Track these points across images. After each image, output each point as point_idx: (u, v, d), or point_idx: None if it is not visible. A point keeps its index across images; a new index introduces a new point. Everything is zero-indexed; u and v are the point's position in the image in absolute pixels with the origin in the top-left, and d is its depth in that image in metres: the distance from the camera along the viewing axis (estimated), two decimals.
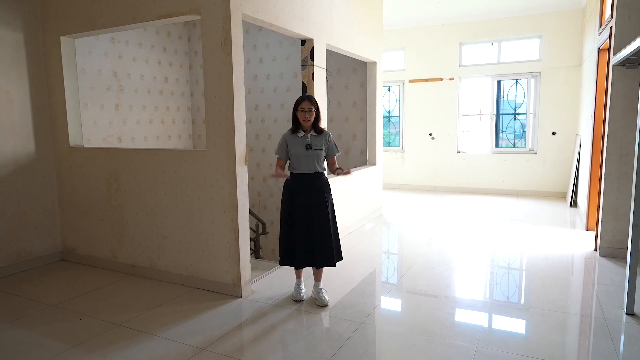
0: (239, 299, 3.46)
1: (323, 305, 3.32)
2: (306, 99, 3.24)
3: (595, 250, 4.58)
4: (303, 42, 4.49)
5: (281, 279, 3.88)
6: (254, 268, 4.15)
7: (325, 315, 3.18)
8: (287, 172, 3.35)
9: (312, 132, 3.30)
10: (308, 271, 3.68)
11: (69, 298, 3.55)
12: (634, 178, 2.99)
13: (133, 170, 3.97)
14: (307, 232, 3.29)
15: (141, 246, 4.01)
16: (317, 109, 3.28)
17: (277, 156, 3.35)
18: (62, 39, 4.19)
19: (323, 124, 4.52)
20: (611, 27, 4.29)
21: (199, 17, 3.44)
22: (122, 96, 5.40)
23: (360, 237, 5.28)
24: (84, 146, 4.47)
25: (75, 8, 4.03)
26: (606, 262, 4.25)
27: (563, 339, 2.83)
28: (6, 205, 4.09)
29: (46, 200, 4.42)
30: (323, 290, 3.41)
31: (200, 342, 2.78)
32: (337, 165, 3.41)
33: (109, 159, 4.12)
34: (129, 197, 4.02)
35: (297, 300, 3.43)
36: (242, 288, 3.50)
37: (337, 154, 3.41)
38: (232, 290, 3.53)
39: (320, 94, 4.60)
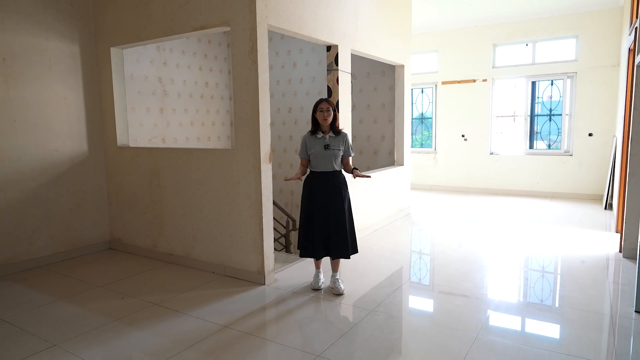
0: (263, 286, 3.77)
1: (338, 294, 3.57)
2: (324, 100, 3.49)
3: (620, 251, 4.55)
4: (328, 48, 4.75)
5: (303, 271, 4.16)
6: (283, 261, 4.46)
7: (339, 303, 3.43)
8: (302, 177, 3.59)
9: (331, 133, 3.53)
10: (327, 264, 3.93)
11: (114, 281, 3.99)
12: None
13: (171, 168, 4.38)
14: (324, 225, 3.52)
15: (178, 237, 4.41)
16: (335, 111, 3.50)
17: (301, 158, 3.62)
18: (112, 49, 4.68)
19: (345, 124, 4.78)
20: (636, 28, 4.27)
21: (229, 29, 3.78)
22: (166, 100, 5.87)
23: (384, 235, 5.48)
24: (130, 146, 4.94)
25: (123, 22, 4.50)
26: (628, 263, 4.24)
27: (569, 333, 2.93)
28: (64, 199, 4.61)
29: (96, 195, 4.93)
30: (339, 280, 3.65)
31: (225, 321, 3.11)
32: (352, 165, 3.64)
33: (150, 157, 4.56)
34: (167, 192, 4.44)
35: (315, 288, 3.69)
36: (265, 276, 3.81)
37: (351, 155, 3.62)
38: (256, 278, 3.85)
39: (344, 97, 4.85)
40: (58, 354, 2.69)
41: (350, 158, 3.66)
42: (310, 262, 4.29)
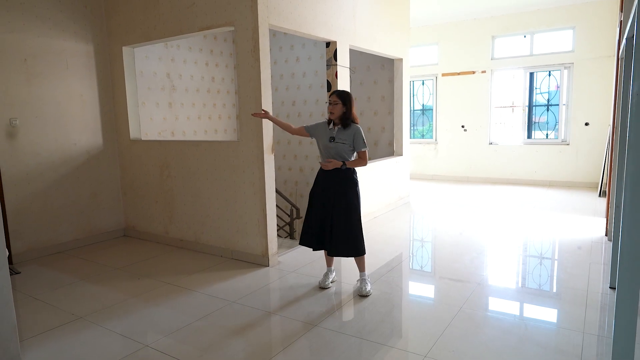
0: (267, 268, 4.08)
1: (362, 295, 3.39)
2: (335, 93, 3.37)
3: (606, 235, 4.79)
4: (328, 44, 5.01)
5: (305, 255, 4.45)
6: (287, 246, 4.77)
7: (339, 282, 3.72)
8: (269, 116, 3.54)
9: (340, 126, 3.38)
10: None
11: (130, 264, 4.32)
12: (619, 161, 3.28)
13: (181, 159, 4.68)
14: (320, 218, 3.43)
15: (188, 223, 4.73)
16: (346, 104, 3.33)
17: (304, 125, 3.55)
18: (124, 48, 4.97)
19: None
20: (620, 21, 4.48)
21: (233, 28, 4.06)
22: (174, 95, 6.17)
23: (383, 222, 5.76)
24: (142, 139, 5.25)
25: (134, 23, 4.79)
26: (611, 246, 4.48)
27: (545, 305, 3.21)
28: (81, 189, 4.95)
29: (112, 185, 5.26)
30: (365, 281, 3.47)
31: (231, 297, 3.42)
32: (365, 162, 3.43)
33: (161, 149, 4.87)
34: (178, 182, 4.75)
35: (322, 287, 3.55)
36: (269, 258, 4.12)
37: (363, 149, 3.38)
38: (261, 260, 4.16)
39: None
40: (84, 324, 3.03)
41: (366, 152, 3.41)
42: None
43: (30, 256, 4.49)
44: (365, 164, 3.45)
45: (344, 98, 3.34)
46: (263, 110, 3.60)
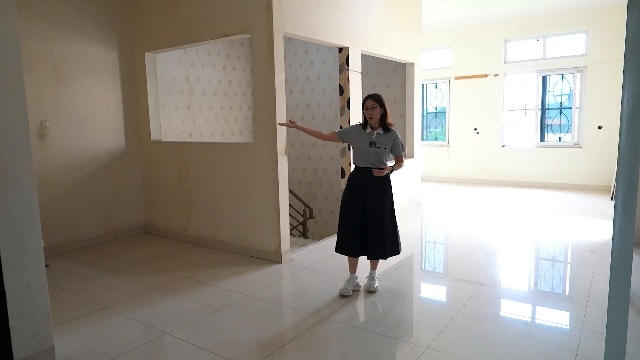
0: (280, 264, 4.27)
1: (370, 291, 3.51)
2: (370, 97, 3.32)
3: None
4: (340, 50, 5.18)
5: (316, 253, 4.63)
6: (300, 245, 4.95)
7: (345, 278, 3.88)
8: (298, 126, 3.50)
9: (380, 130, 3.35)
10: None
11: (150, 259, 4.55)
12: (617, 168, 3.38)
13: (198, 160, 4.90)
14: (362, 223, 3.38)
15: (205, 221, 4.95)
16: (384, 106, 3.32)
17: (335, 131, 3.54)
18: (147, 54, 5.23)
19: (357, 118, 5.19)
20: None
21: (249, 36, 4.26)
22: (192, 98, 6.41)
23: None
24: (162, 140, 5.50)
25: (156, 30, 5.04)
26: None
27: (546, 304, 3.33)
28: (105, 188, 5.21)
29: (133, 184, 5.51)
30: (375, 279, 3.58)
31: (245, 290, 3.61)
32: (403, 163, 3.47)
33: (180, 151, 5.10)
34: (195, 181, 4.97)
35: (342, 295, 3.43)
36: (282, 255, 4.30)
37: (402, 153, 3.43)
38: (274, 257, 4.34)
39: (355, 95, 5.27)
40: (109, 313, 3.25)
41: (403, 155, 3.47)
42: (325, 244, 4.76)
43: (57, 250, 4.76)
44: (403, 166, 3.50)
45: (381, 101, 3.32)
46: (290, 120, 3.57)
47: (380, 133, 3.34)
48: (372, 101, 3.30)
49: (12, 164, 2.35)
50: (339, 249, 3.48)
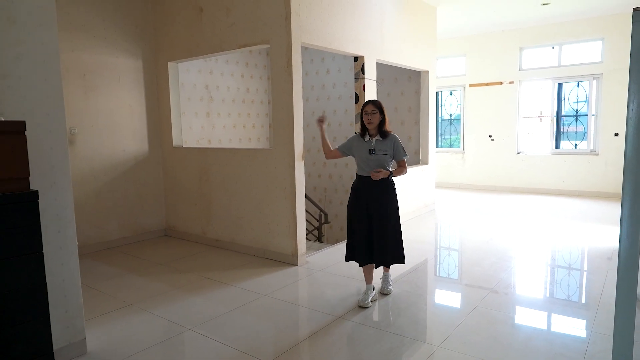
0: (296, 267, 4.40)
1: (383, 293, 3.61)
2: (371, 102, 3.35)
3: None
4: (356, 58, 5.32)
5: (331, 256, 4.75)
6: (315, 248, 5.08)
7: (360, 280, 4.00)
8: (323, 125, 3.59)
9: (378, 137, 3.36)
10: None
11: (171, 260, 4.73)
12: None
13: (218, 165, 5.08)
14: (367, 231, 3.40)
15: (224, 225, 5.11)
16: (383, 113, 3.33)
17: (337, 147, 3.58)
18: (169, 64, 5.45)
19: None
20: None
21: (268, 46, 4.43)
22: (211, 105, 6.62)
23: (406, 228, 5.99)
24: (183, 146, 5.70)
25: (179, 41, 5.26)
26: None
27: (554, 309, 3.39)
28: (129, 191, 5.42)
29: (155, 188, 5.72)
30: (388, 280, 3.67)
31: (263, 290, 3.75)
32: (406, 169, 3.48)
33: (200, 156, 5.28)
34: (215, 186, 5.15)
35: (361, 306, 3.38)
36: (298, 258, 4.43)
37: (404, 157, 3.42)
38: (291, 259, 4.48)
39: None
40: (135, 310, 3.42)
41: (405, 160, 3.47)
42: (339, 248, 4.88)
43: (83, 251, 4.96)
44: (406, 172, 3.48)
45: (381, 107, 3.34)
46: (324, 116, 3.64)
47: (379, 140, 3.35)
48: (373, 106, 3.32)
49: (51, 167, 2.54)
50: (349, 257, 3.53)
